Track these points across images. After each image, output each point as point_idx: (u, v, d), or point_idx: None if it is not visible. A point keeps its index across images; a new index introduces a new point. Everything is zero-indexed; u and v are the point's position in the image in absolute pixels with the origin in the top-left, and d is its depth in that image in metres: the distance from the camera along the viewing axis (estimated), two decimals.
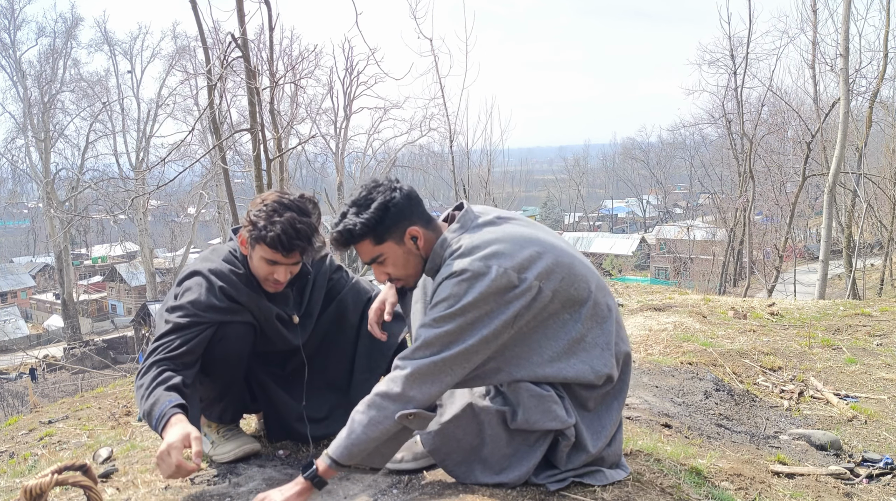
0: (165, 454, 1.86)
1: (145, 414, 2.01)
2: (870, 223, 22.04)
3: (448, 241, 1.95)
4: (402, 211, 1.93)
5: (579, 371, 1.92)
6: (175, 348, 2.11)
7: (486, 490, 2.01)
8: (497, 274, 1.81)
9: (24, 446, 3.21)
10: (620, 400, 2.07)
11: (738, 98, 23.22)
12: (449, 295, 1.83)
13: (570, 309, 1.92)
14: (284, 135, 10.21)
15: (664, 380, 3.59)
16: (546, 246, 1.91)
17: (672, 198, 66.13)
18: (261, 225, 2.17)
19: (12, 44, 33.42)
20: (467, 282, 1.81)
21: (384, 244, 1.95)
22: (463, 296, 1.81)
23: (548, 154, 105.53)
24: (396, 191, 1.93)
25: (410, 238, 1.95)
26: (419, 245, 1.96)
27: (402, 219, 1.93)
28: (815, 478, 2.54)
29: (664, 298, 6.61)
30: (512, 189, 26.93)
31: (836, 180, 12.07)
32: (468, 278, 1.81)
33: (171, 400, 1.98)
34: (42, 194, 33.64)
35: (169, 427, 1.92)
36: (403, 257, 1.98)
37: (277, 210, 2.18)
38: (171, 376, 2.06)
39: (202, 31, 6.76)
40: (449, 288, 1.83)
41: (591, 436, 1.99)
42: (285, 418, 2.47)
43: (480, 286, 1.80)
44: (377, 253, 1.96)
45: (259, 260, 2.22)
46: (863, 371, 4.06)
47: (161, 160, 8.84)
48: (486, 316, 1.82)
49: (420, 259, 1.99)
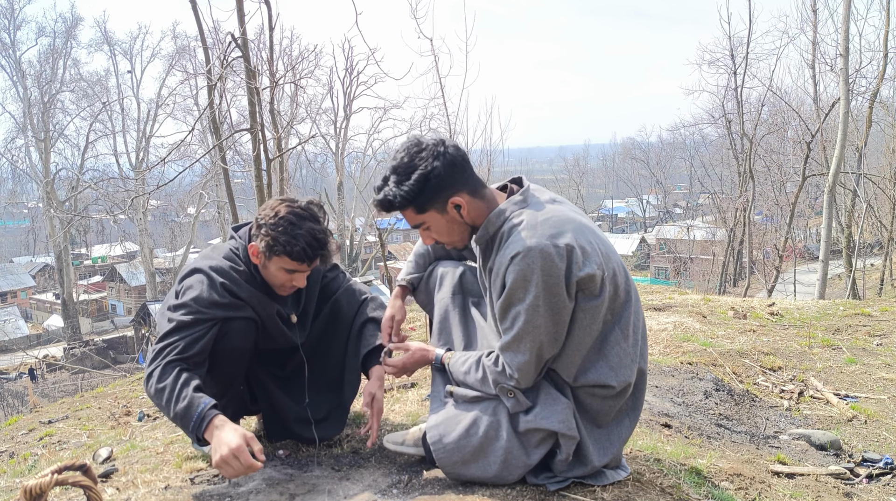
0: (231, 457, 1.89)
1: (178, 415, 2.02)
2: (870, 223, 22.07)
3: (507, 213, 1.92)
4: (444, 180, 1.88)
5: (601, 373, 1.91)
6: (185, 348, 2.12)
7: (486, 489, 2.01)
8: (565, 252, 1.79)
9: (24, 446, 3.21)
10: (633, 417, 2.05)
11: (738, 98, 23.25)
12: (519, 279, 1.80)
13: (612, 309, 1.91)
14: (284, 135, 10.21)
15: (664, 380, 3.59)
16: (601, 238, 1.93)
17: (672, 198, 66.16)
18: (282, 240, 2.19)
19: (12, 44, 33.45)
20: (537, 261, 1.78)
21: (426, 213, 1.93)
22: (532, 278, 1.78)
23: (548, 154, 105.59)
24: (439, 160, 1.87)
25: (454, 206, 1.92)
26: (463, 213, 1.94)
27: (443, 189, 1.89)
28: (814, 478, 2.54)
29: (664, 298, 6.61)
30: None
31: (836, 180, 12.07)
32: (536, 256, 1.78)
33: (206, 402, 2.00)
34: (42, 194, 33.64)
35: (215, 428, 1.96)
36: (447, 225, 1.97)
37: (295, 223, 2.21)
38: (192, 376, 2.08)
39: (202, 31, 6.76)
40: (516, 271, 1.80)
41: (597, 452, 1.99)
42: (286, 419, 2.47)
43: (548, 265, 1.78)
44: (420, 220, 1.96)
45: (278, 270, 2.26)
46: (863, 371, 4.06)
47: (161, 160, 8.83)
48: (560, 295, 1.81)
49: (465, 226, 1.97)
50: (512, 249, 1.81)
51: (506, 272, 1.82)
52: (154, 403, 2.12)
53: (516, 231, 1.85)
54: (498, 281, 1.87)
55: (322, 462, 2.36)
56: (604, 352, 1.91)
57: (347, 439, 2.58)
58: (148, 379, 2.10)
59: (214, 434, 1.97)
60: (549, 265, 1.77)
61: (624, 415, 2.02)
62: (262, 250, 2.26)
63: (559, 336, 1.86)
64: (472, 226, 1.98)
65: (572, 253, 1.80)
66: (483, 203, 1.95)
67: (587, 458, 1.97)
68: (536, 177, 76.23)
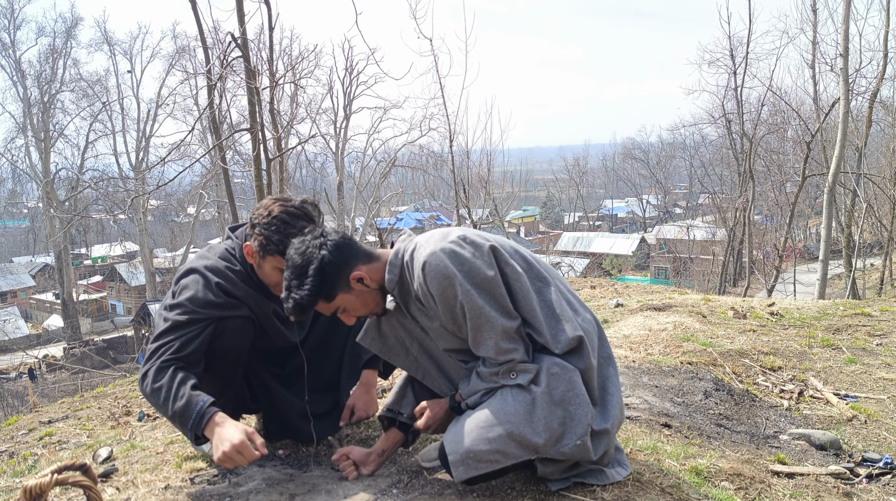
0: (235, 452, 1.93)
1: (176, 414, 2.03)
2: (870, 223, 22.07)
3: (401, 250, 2.03)
4: (338, 264, 1.97)
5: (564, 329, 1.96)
6: (180, 348, 2.13)
7: (486, 489, 2.01)
8: (460, 240, 1.93)
9: (24, 446, 3.20)
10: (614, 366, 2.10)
11: (737, 98, 23.27)
12: (438, 280, 1.88)
13: (538, 276, 2.01)
14: (284, 135, 10.21)
15: (664, 380, 3.59)
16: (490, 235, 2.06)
17: (672, 198, 66.18)
18: (276, 239, 2.21)
19: (12, 43, 33.43)
20: (443, 258, 1.89)
21: (336, 299, 2.01)
22: (448, 272, 1.87)
23: (548, 154, 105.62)
24: (324, 248, 1.96)
25: (357, 280, 2.00)
26: (367, 282, 2.02)
27: (340, 271, 1.98)
28: (814, 478, 2.54)
29: (664, 298, 6.61)
30: (512, 189, 26.99)
31: (836, 180, 12.07)
32: (440, 256, 1.89)
33: (204, 399, 2.02)
34: (42, 194, 33.63)
35: (215, 425, 1.98)
36: (359, 299, 2.04)
37: (288, 222, 2.23)
38: (189, 375, 2.09)
39: (202, 31, 6.76)
40: (432, 276, 1.89)
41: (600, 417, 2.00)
42: (287, 416, 2.47)
43: (453, 255, 1.89)
44: (334, 307, 2.03)
45: (272, 270, 2.27)
46: (863, 371, 4.06)
47: (161, 160, 8.84)
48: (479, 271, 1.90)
49: (374, 292, 2.05)
50: (418, 264, 1.93)
51: (427, 285, 1.91)
52: (150, 402, 2.13)
53: (415, 254, 1.97)
54: (428, 299, 1.95)
55: (322, 462, 2.36)
56: (552, 310, 1.97)
57: (347, 439, 2.58)
58: (143, 379, 2.10)
59: (215, 431, 1.97)
60: (453, 255, 1.90)
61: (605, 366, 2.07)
62: (256, 250, 2.27)
63: (506, 305, 1.92)
64: (380, 288, 2.06)
65: (465, 239, 1.94)
66: (380, 263, 2.05)
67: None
68: (536, 177, 75.71)
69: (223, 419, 2.00)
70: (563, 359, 1.94)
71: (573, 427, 1.90)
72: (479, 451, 1.91)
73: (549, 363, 1.93)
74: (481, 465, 1.92)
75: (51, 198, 32.45)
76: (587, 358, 1.96)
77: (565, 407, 1.91)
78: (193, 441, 2.09)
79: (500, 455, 1.91)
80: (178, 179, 22.78)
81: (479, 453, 1.91)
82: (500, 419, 1.91)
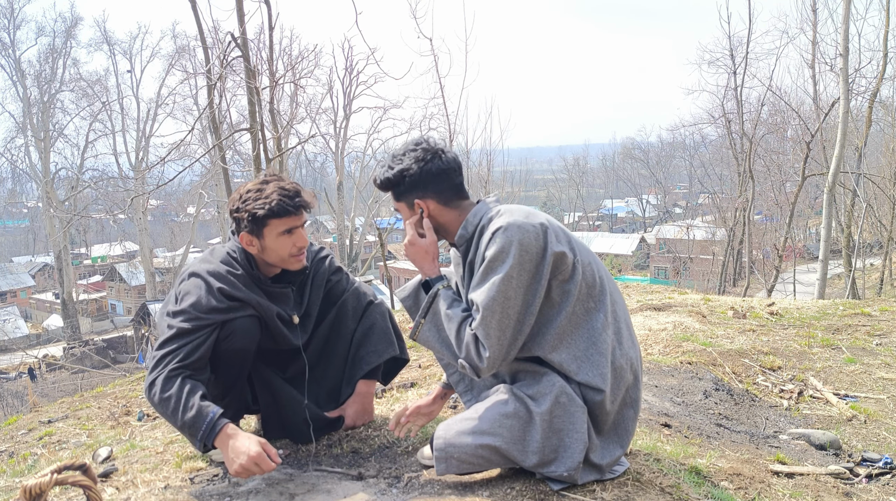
0: (252, 465, 1.96)
1: (186, 424, 2.04)
2: (869, 223, 22.07)
3: (483, 211, 2.01)
4: (415, 183, 2.01)
5: (596, 363, 1.92)
6: (187, 355, 2.13)
7: (486, 489, 2.01)
8: (541, 230, 1.88)
9: (24, 445, 3.20)
10: (636, 410, 2.07)
11: (737, 98, 23.26)
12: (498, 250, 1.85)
13: (591, 296, 1.95)
14: (284, 135, 10.20)
15: (664, 380, 3.59)
16: (572, 235, 2.00)
17: (672, 198, 66.16)
18: (258, 205, 2.21)
19: (12, 43, 33.42)
20: (516, 234, 1.85)
21: (399, 202, 2.08)
22: (510, 250, 1.84)
23: (548, 154, 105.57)
24: (418, 164, 2.00)
25: (418, 209, 2.04)
26: (425, 216, 2.04)
27: (412, 190, 2.03)
28: (814, 478, 2.54)
29: (664, 298, 6.61)
30: (512, 188, 26.98)
31: (836, 180, 12.06)
32: (515, 230, 1.85)
33: (214, 411, 2.03)
34: (42, 194, 33.62)
35: (228, 437, 2.01)
36: (411, 225, 2.07)
37: (261, 188, 2.25)
38: (198, 385, 2.10)
39: (202, 31, 6.76)
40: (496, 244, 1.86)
41: (602, 453, 1.99)
42: (288, 413, 2.47)
43: (525, 240, 1.85)
44: (397, 206, 2.10)
45: (275, 239, 2.26)
46: (862, 370, 4.06)
47: (161, 160, 8.84)
48: (532, 271, 1.86)
49: (430, 230, 2.06)
50: (494, 226, 1.90)
51: (487, 246, 1.89)
52: (158, 411, 2.12)
53: (495, 218, 1.95)
54: (480, 262, 1.92)
55: (322, 462, 2.36)
56: (593, 340, 1.93)
57: (347, 439, 2.58)
58: (150, 388, 2.10)
59: (228, 444, 1.99)
60: (526, 239, 1.86)
61: (628, 407, 2.03)
62: (248, 232, 2.26)
63: (527, 314, 1.88)
64: (435, 230, 2.07)
65: (547, 231, 1.90)
66: (454, 212, 2.05)
67: (591, 462, 1.97)
68: (536, 177, 75.79)
69: (235, 431, 2.02)
70: (580, 389, 1.93)
71: (564, 458, 1.91)
72: (463, 456, 1.96)
73: (560, 390, 1.91)
74: (463, 465, 1.98)
75: (50, 197, 32.44)
76: (604, 400, 1.93)
77: (561, 438, 1.91)
78: (201, 451, 2.09)
79: (485, 461, 1.97)
80: (177, 179, 22.78)
81: (463, 456, 1.96)
82: (493, 431, 1.92)
